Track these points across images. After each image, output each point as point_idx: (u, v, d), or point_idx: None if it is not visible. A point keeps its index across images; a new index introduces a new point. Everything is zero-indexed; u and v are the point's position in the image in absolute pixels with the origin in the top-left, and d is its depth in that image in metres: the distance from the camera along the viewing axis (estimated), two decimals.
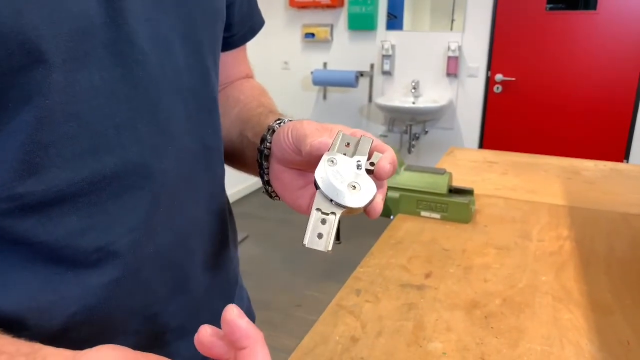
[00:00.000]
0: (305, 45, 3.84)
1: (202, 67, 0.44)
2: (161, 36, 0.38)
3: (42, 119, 0.32)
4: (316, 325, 0.62)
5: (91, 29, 0.33)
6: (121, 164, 0.36)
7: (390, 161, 0.37)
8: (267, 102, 0.57)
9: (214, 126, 0.47)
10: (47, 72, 0.31)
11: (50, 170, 0.33)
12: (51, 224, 0.34)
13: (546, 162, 1.51)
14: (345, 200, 0.34)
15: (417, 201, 1.02)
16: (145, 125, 0.37)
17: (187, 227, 0.43)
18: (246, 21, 0.58)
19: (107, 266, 0.37)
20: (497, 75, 3.30)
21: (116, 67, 0.35)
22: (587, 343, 0.60)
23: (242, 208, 3.57)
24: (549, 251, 0.86)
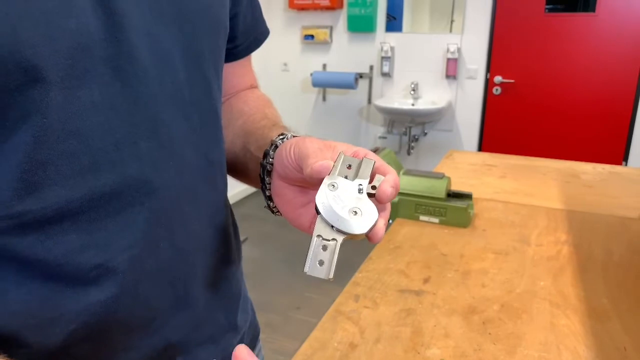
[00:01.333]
0: (305, 46, 3.84)
1: (204, 80, 0.44)
2: (161, 50, 0.38)
3: (40, 137, 0.32)
4: (315, 331, 0.62)
5: (90, 45, 0.33)
6: (121, 180, 0.36)
7: (392, 184, 0.36)
8: (272, 113, 0.57)
9: (217, 139, 0.47)
10: (45, 90, 0.31)
11: (50, 189, 0.33)
12: (50, 242, 0.34)
13: (545, 165, 1.51)
14: (347, 227, 0.34)
15: (415, 205, 1.02)
16: (146, 141, 0.37)
17: (188, 243, 0.43)
18: (250, 32, 0.57)
19: (106, 283, 0.37)
20: (496, 77, 3.30)
21: (116, 83, 0.35)
22: (584, 349, 0.60)
23: (242, 210, 3.57)
24: (547, 256, 0.86)
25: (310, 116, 3.97)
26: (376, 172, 0.38)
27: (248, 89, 0.62)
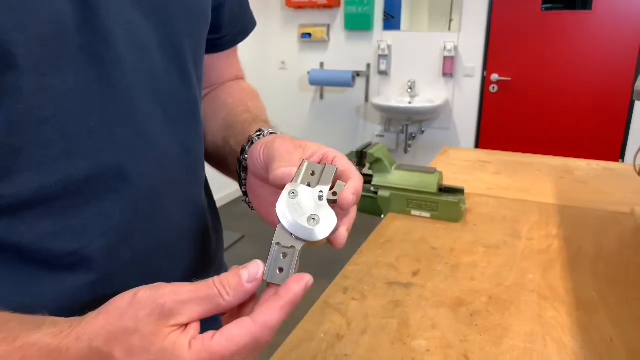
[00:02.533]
0: (302, 45, 3.84)
1: (182, 70, 0.43)
2: (138, 39, 0.38)
3: (13, 123, 0.32)
4: (302, 322, 0.63)
5: (65, 32, 0.33)
6: (96, 167, 0.36)
7: (353, 191, 0.36)
8: (255, 106, 0.56)
9: (196, 129, 0.47)
10: (17, 76, 0.31)
11: (23, 174, 0.33)
12: (23, 227, 0.34)
13: (539, 162, 1.51)
14: (304, 234, 0.34)
15: (407, 200, 1.02)
16: (122, 129, 0.37)
17: (167, 232, 0.43)
18: (237, 23, 0.57)
19: (81, 270, 0.37)
20: (493, 75, 3.31)
21: (91, 70, 0.35)
22: (570, 340, 0.60)
23: (239, 208, 3.57)
24: (537, 250, 0.86)
25: (308, 115, 3.97)
26: (341, 177, 0.38)
27: (234, 80, 0.61)
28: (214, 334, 0.28)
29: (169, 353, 0.27)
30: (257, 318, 0.29)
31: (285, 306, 0.29)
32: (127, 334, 0.28)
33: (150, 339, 0.28)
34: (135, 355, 0.28)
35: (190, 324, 0.29)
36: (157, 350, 0.27)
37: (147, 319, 0.28)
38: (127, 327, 0.28)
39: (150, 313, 0.28)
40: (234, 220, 3.38)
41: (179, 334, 0.28)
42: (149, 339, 0.28)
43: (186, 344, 0.28)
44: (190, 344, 0.28)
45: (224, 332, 0.28)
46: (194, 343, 0.28)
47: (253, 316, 0.29)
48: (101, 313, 0.29)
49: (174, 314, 0.28)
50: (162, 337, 0.28)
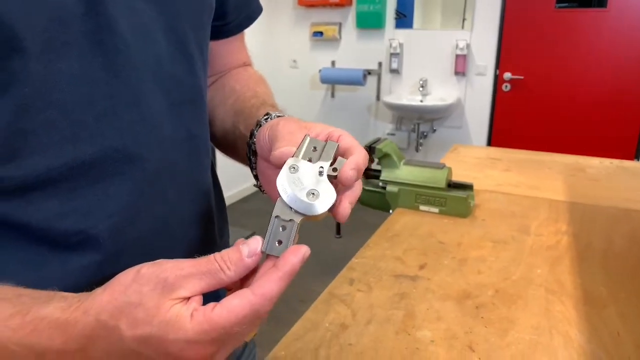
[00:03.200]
0: (314, 43, 3.85)
1: (186, 56, 0.44)
2: (142, 25, 0.39)
3: (21, 106, 0.33)
4: (308, 312, 0.63)
5: (70, 18, 0.34)
6: (100, 150, 0.37)
7: (354, 166, 0.36)
8: (263, 91, 0.57)
9: (200, 115, 0.48)
10: (24, 61, 0.32)
11: (30, 156, 0.34)
12: (32, 207, 0.35)
13: (551, 160, 1.50)
14: (303, 208, 0.34)
15: (415, 195, 1.02)
16: (126, 113, 0.38)
17: (170, 214, 0.44)
18: (242, 9, 0.58)
19: (87, 249, 0.38)
20: (506, 73, 3.28)
21: (96, 56, 0.36)
22: (576, 334, 0.60)
23: (249, 205, 3.59)
24: (546, 245, 0.86)
25: (319, 113, 3.97)
26: (345, 154, 0.38)
27: (241, 66, 0.62)
28: (215, 306, 0.29)
29: (172, 324, 0.28)
30: (256, 289, 0.29)
31: (284, 277, 0.30)
32: (131, 307, 0.29)
33: (153, 311, 0.28)
34: (139, 327, 0.28)
35: (192, 297, 0.29)
36: (159, 322, 0.28)
37: (151, 293, 0.29)
38: (131, 301, 0.29)
39: (154, 288, 0.29)
40: (244, 217, 3.39)
41: (181, 306, 0.29)
42: (152, 311, 0.28)
43: (188, 315, 0.28)
44: (192, 315, 0.28)
45: (224, 304, 0.29)
46: (196, 314, 0.28)
47: (252, 288, 0.30)
48: (107, 288, 0.30)
49: (176, 288, 0.29)
50: (164, 310, 0.28)
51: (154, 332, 0.28)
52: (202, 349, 0.29)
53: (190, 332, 0.28)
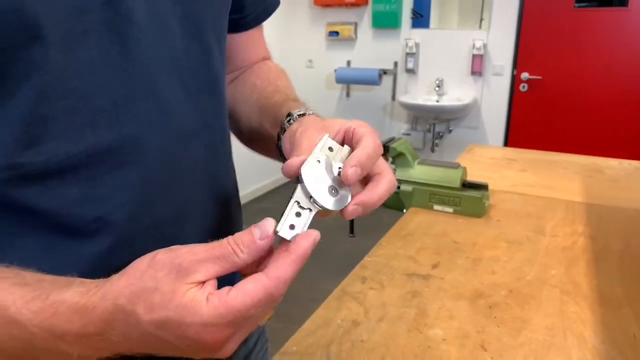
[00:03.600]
0: (329, 43, 3.85)
1: (203, 47, 0.45)
2: (159, 15, 0.40)
3: (42, 93, 0.34)
4: (319, 309, 0.63)
5: (89, 8, 0.35)
6: (118, 138, 0.38)
7: (354, 163, 0.36)
8: (284, 85, 0.57)
9: (216, 104, 0.48)
10: (45, 49, 0.33)
11: (50, 142, 0.35)
12: (52, 194, 0.36)
13: (567, 160, 1.48)
14: (322, 201, 0.35)
15: (430, 195, 1.02)
16: (143, 102, 0.39)
17: (185, 202, 0.44)
18: (259, 2, 0.58)
19: (104, 236, 0.39)
20: (523, 73, 3.24)
21: (114, 45, 0.37)
22: (591, 335, 0.59)
23: (264, 204, 3.61)
24: (561, 246, 0.85)
25: (334, 113, 3.98)
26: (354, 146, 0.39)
27: (261, 60, 0.63)
28: (230, 289, 0.30)
29: (188, 308, 0.29)
30: (270, 273, 0.30)
31: (296, 260, 0.31)
32: (147, 292, 0.29)
33: (169, 296, 0.29)
34: (156, 312, 0.29)
35: (207, 282, 0.30)
36: (176, 306, 0.29)
37: (166, 278, 0.29)
38: (148, 286, 0.29)
39: (168, 272, 0.30)
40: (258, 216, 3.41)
41: (196, 290, 0.29)
42: (168, 296, 0.29)
43: (204, 299, 0.29)
44: (207, 298, 0.29)
45: (239, 287, 0.29)
46: (211, 298, 0.29)
47: (266, 271, 0.30)
48: (124, 274, 0.31)
49: (190, 273, 0.30)
50: (180, 294, 0.29)
51: (170, 316, 0.29)
52: (219, 332, 0.29)
53: (206, 316, 0.29)
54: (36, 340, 0.31)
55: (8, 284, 0.31)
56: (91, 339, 0.31)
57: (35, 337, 0.30)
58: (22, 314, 0.30)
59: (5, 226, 0.37)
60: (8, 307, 0.30)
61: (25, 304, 0.30)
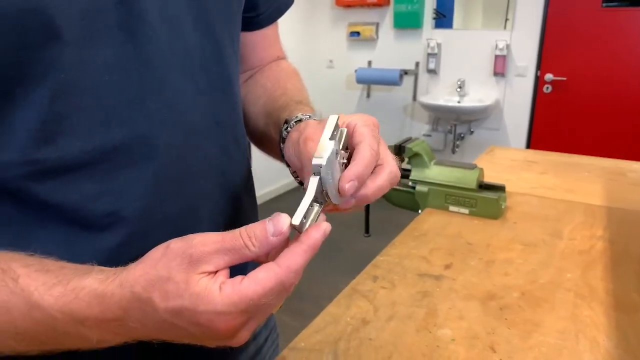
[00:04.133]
0: (350, 43, 3.85)
1: (215, 46, 0.46)
2: (172, 16, 0.41)
3: (57, 92, 0.35)
4: (329, 306, 0.64)
5: (104, 9, 0.36)
6: (130, 136, 0.39)
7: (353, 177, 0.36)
8: (293, 87, 0.58)
9: (229, 104, 0.49)
10: (61, 48, 0.34)
11: (65, 139, 0.37)
12: (67, 189, 0.38)
13: (590, 163, 1.45)
14: (333, 196, 0.36)
15: (445, 195, 1.01)
16: (154, 101, 0.40)
17: (196, 198, 0.46)
18: (272, 1, 0.59)
19: (118, 229, 0.40)
20: (547, 74, 3.18)
21: (128, 45, 0.38)
22: (604, 339, 0.58)
23: (281, 205, 3.62)
24: (578, 250, 0.83)
25: (354, 113, 3.96)
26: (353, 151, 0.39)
27: (275, 60, 0.63)
28: (243, 278, 0.30)
29: (202, 297, 0.30)
30: (281, 262, 0.31)
31: (307, 250, 0.31)
32: (162, 281, 0.30)
33: (182, 285, 0.30)
34: (170, 300, 0.30)
35: (219, 271, 0.31)
36: (190, 295, 0.30)
37: (178, 267, 0.30)
38: (161, 275, 0.30)
39: (181, 262, 0.31)
40: None
41: (209, 280, 0.30)
42: (182, 285, 0.30)
43: (217, 288, 0.30)
44: (220, 287, 0.30)
45: (252, 277, 0.30)
46: (224, 287, 0.30)
47: (278, 261, 0.31)
48: (140, 263, 0.32)
49: (201, 263, 0.30)
50: (193, 283, 0.30)
51: (185, 305, 0.30)
52: (232, 320, 0.30)
53: (219, 305, 0.30)
54: (58, 325, 0.32)
55: (31, 270, 0.33)
56: (110, 324, 0.32)
57: (57, 322, 0.32)
58: (44, 300, 0.32)
59: (24, 219, 0.38)
60: (32, 292, 0.32)
61: (47, 289, 0.32)
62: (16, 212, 0.38)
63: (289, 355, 0.54)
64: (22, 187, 0.37)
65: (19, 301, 0.32)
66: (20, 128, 0.35)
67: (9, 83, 0.34)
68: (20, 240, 0.37)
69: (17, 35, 0.33)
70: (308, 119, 0.47)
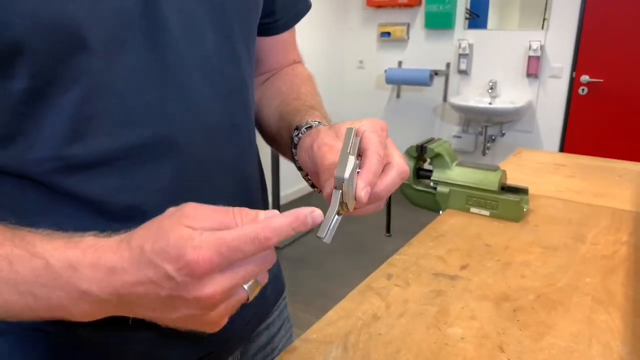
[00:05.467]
0: (381, 44, 3.84)
1: (233, 52, 0.48)
2: (192, 25, 0.44)
3: (86, 96, 0.39)
4: (342, 301, 0.65)
5: (129, 19, 0.39)
6: (151, 135, 0.42)
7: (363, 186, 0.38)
8: (307, 91, 0.60)
9: (244, 106, 0.52)
10: (89, 57, 0.38)
11: (92, 138, 0.40)
12: (92, 183, 0.41)
13: (622, 167, 1.41)
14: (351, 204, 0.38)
15: (467, 197, 1.01)
16: (174, 103, 0.43)
17: (213, 195, 0.48)
18: (289, 8, 0.61)
19: (138, 222, 0.42)
20: (583, 76, 3.09)
21: (150, 52, 0.41)
22: (618, 345, 0.58)
23: (304, 204, 3.64)
24: (600, 255, 0.82)
25: (383, 113, 3.96)
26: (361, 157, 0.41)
27: (291, 64, 0.65)
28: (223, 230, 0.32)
29: (185, 236, 0.31)
30: (262, 221, 0.32)
31: (288, 216, 0.32)
32: (152, 228, 0.33)
33: (168, 229, 0.32)
34: (157, 242, 0.32)
35: None
36: (175, 237, 0.32)
37: (168, 219, 0.33)
38: (153, 226, 0.33)
39: (171, 217, 0.33)
40: None
41: (193, 230, 0.32)
42: (167, 229, 0.32)
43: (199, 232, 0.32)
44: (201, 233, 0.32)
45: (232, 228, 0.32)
46: (205, 233, 0.32)
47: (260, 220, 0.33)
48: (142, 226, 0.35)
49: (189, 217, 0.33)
50: (178, 229, 0.32)
51: (169, 244, 0.32)
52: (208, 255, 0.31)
53: (197, 240, 0.31)
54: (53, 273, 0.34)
55: (38, 233, 0.36)
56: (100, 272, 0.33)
57: (53, 269, 0.34)
58: (45, 248, 0.34)
59: (56, 209, 0.42)
60: (35, 244, 0.35)
61: (49, 241, 0.35)
62: (49, 203, 0.42)
63: (300, 346, 0.56)
64: (53, 181, 0.41)
65: (22, 253, 0.34)
66: (52, 128, 0.39)
67: (43, 88, 0.38)
68: (53, 227, 0.40)
69: (49, 47, 0.36)
70: (317, 125, 0.49)
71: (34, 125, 0.39)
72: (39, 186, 0.41)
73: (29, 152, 0.40)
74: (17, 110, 0.38)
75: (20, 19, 0.34)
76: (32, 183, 0.41)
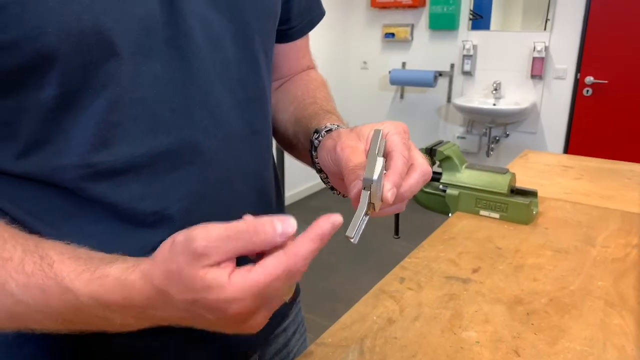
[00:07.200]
0: (385, 45, 3.85)
1: (252, 60, 0.49)
2: (214, 33, 0.44)
3: (113, 103, 0.39)
4: (356, 305, 0.66)
5: (155, 27, 0.40)
6: (175, 142, 0.43)
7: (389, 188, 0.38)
8: (322, 96, 0.61)
9: (263, 113, 0.52)
10: (118, 64, 0.38)
11: (118, 145, 0.41)
12: (118, 189, 0.42)
13: (630, 169, 1.41)
14: (377, 205, 0.38)
15: (476, 199, 1.01)
16: (198, 110, 0.44)
17: (233, 200, 0.49)
18: (305, 15, 0.62)
19: (162, 227, 0.43)
20: (588, 77, 3.09)
21: (175, 60, 0.42)
22: (633, 348, 0.58)
23: (315, 202, 3.66)
24: (611, 258, 0.82)
25: (387, 114, 3.96)
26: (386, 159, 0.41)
27: (305, 70, 0.66)
28: (251, 267, 0.31)
29: (212, 288, 0.31)
30: (288, 250, 0.31)
31: (314, 239, 0.31)
32: (174, 275, 0.32)
33: (192, 279, 0.31)
34: (184, 294, 0.32)
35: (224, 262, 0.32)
36: (201, 287, 0.31)
37: (185, 263, 0.31)
38: (172, 269, 0.32)
39: (186, 258, 0.31)
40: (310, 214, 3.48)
41: (216, 270, 0.31)
42: (191, 280, 0.31)
43: (225, 277, 0.31)
44: (229, 277, 0.31)
45: (260, 264, 0.31)
46: (233, 276, 0.31)
47: (286, 249, 0.32)
48: (155, 255, 0.34)
49: (205, 257, 0.31)
50: (201, 277, 0.31)
51: (197, 297, 0.31)
52: (243, 306, 0.31)
53: (229, 292, 0.31)
54: (84, 308, 0.35)
55: (65, 257, 0.36)
56: (132, 310, 0.34)
57: (84, 306, 0.35)
58: (74, 285, 0.34)
59: (82, 214, 0.42)
60: (64, 277, 0.35)
61: (77, 276, 0.35)
62: (75, 209, 0.42)
63: (316, 350, 0.56)
64: (79, 187, 0.41)
65: (53, 284, 0.35)
66: (80, 135, 0.39)
67: (72, 95, 0.38)
68: (79, 233, 0.41)
69: (80, 54, 0.37)
70: (337, 128, 0.49)
71: (61, 133, 0.39)
72: (63, 191, 0.41)
73: (56, 159, 0.40)
74: (45, 118, 0.38)
75: (53, 28, 0.35)
76: (56, 188, 0.41)
